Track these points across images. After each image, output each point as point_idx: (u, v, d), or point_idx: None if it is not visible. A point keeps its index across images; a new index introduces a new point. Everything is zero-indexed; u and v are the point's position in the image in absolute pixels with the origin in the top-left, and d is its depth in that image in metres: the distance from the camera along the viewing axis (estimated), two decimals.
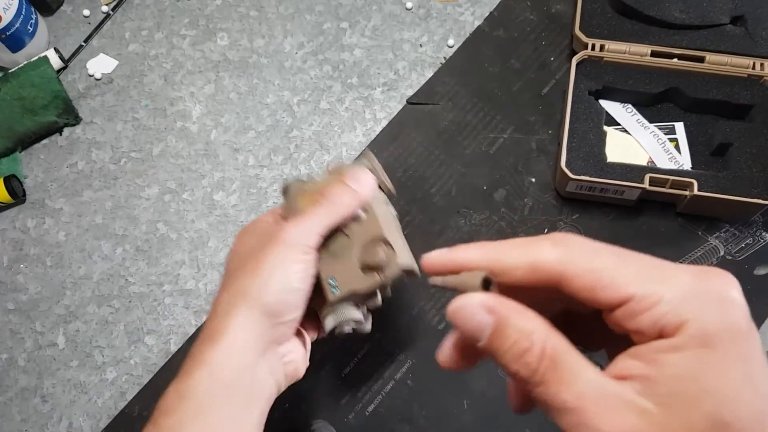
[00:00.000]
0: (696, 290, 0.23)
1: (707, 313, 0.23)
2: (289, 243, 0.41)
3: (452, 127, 0.64)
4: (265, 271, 0.40)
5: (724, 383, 0.22)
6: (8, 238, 0.62)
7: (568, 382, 0.23)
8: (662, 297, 0.23)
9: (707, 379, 0.22)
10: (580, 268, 0.24)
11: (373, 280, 0.42)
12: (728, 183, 0.56)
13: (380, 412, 0.54)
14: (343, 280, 0.43)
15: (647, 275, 0.24)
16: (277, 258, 0.41)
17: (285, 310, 0.41)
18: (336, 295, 0.43)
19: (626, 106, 0.63)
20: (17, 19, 0.64)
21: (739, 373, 0.22)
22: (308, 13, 0.70)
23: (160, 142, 0.65)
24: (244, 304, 0.40)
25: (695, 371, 0.22)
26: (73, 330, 0.59)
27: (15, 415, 0.56)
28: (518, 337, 0.24)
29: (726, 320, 0.23)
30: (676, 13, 0.62)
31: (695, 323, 0.23)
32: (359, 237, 0.43)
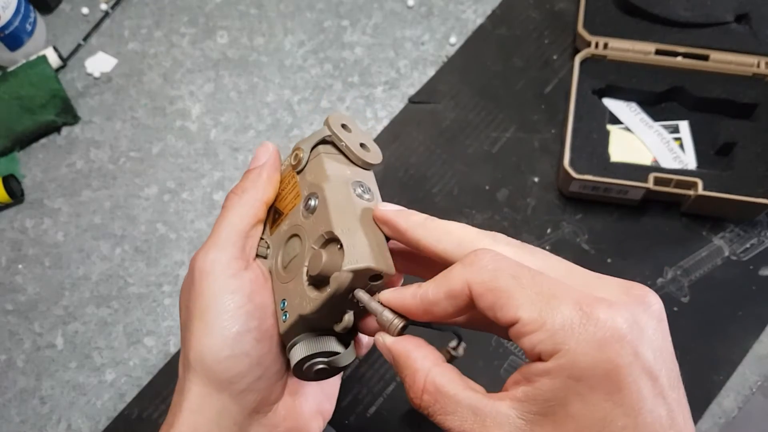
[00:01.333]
0: (577, 322, 0.24)
1: (582, 346, 0.24)
2: (207, 269, 0.32)
3: (454, 126, 0.64)
4: (196, 322, 0.32)
5: (590, 412, 0.24)
6: (6, 239, 0.62)
7: (451, 412, 0.26)
8: (544, 323, 0.24)
9: (574, 406, 0.24)
10: (483, 288, 0.26)
11: (319, 297, 0.31)
12: (733, 182, 0.56)
13: (381, 413, 0.54)
14: (293, 301, 0.33)
15: (538, 300, 0.25)
16: (203, 300, 0.32)
17: (239, 374, 0.32)
18: (285, 324, 0.33)
19: (630, 104, 0.62)
20: (16, 17, 0.64)
21: (608, 405, 0.23)
22: (309, 11, 0.70)
23: (159, 142, 0.65)
24: (193, 377, 0.32)
25: (563, 398, 0.24)
26: (72, 331, 0.58)
27: (14, 416, 0.56)
28: (406, 375, 0.28)
29: (600, 355, 0.24)
30: (680, 11, 0.62)
31: (567, 354, 0.24)
32: (309, 236, 0.33)
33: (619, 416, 0.24)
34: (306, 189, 0.35)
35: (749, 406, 0.53)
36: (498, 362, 0.55)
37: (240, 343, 0.32)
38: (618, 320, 0.24)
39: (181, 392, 0.32)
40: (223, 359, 0.31)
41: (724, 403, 0.52)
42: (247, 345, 0.32)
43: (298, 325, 0.33)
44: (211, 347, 0.31)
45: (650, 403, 0.24)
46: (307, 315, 0.32)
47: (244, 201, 0.35)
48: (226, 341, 0.31)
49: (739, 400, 0.53)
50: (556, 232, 0.59)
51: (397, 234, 0.31)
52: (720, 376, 0.53)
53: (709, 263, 0.57)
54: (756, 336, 0.55)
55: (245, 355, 0.32)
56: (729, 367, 0.54)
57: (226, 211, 0.35)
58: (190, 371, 0.32)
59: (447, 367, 0.28)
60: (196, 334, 0.32)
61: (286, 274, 0.34)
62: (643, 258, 0.58)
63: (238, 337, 0.32)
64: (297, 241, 0.34)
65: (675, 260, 0.57)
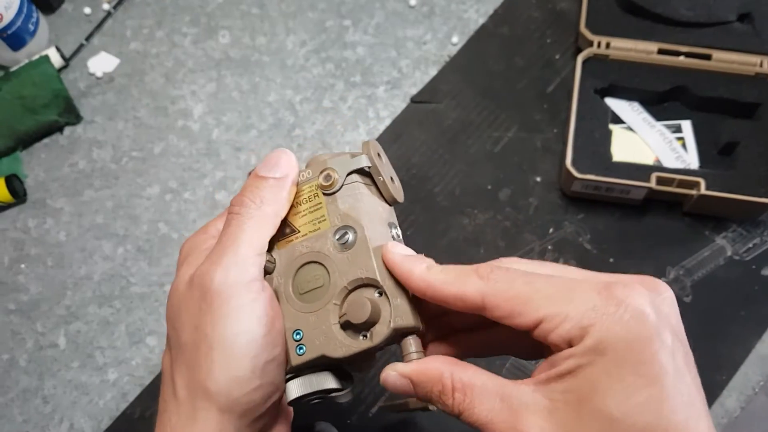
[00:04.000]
0: (597, 304, 0.26)
1: (604, 324, 0.25)
2: (225, 291, 0.30)
3: (456, 125, 0.64)
4: (218, 352, 0.30)
5: (616, 384, 0.25)
6: (9, 238, 0.62)
7: (479, 404, 0.27)
8: (567, 314, 0.26)
9: (599, 380, 0.25)
10: (499, 299, 0.28)
11: (355, 345, 0.31)
12: (736, 182, 0.56)
13: (383, 413, 0.54)
14: (313, 336, 0.32)
15: (557, 297, 0.27)
16: (227, 327, 0.30)
17: (262, 400, 0.31)
18: (300, 358, 0.31)
19: (632, 104, 0.62)
20: (18, 17, 0.64)
21: (632, 376, 0.25)
22: (310, 11, 0.70)
23: (161, 141, 0.65)
24: (211, 406, 0.30)
25: (589, 374, 0.25)
26: (74, 330, 0.58)
27: (16, 416, 0.56)
28: (432, 386, 0.29)
29: (624, 330, 0.25)
30: (682, 10, 0.61)
31: (593, 334, 0.25)
32: (341, 272, 0.32)
33: (643, 387, 0.25)
34: (338, 218, 0.34)
35: (752, 406, 0.53)
36: (500, 362, 0.55)
37: (267, 373, 0.31)
38: (638, 299, 0.26)
39: (192, 420, 0.30)
40: (251, 390, 0.30)
41: (726, 403, 0.52)
42: (272, 373, 0.31)
43: (315, 362, 0.32)
44: (240, 380, 0.30)
45: (672, 377, 0.25)
46: (337, 359, 0.31)
47: (263, 214, 0.33)
48: (255, 373, 0.30)
49: (741, 400, 0.53)
50: (558, 232, 0.59)
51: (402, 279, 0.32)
52: (722, 376, 0.53)
53: (712, 263, 0.57)
54: (759, 336, 0.55)
55: (270, 383, 0.31)
56: (732, 367, 0.54)
57: (241, 222, 0.32)
58: (207, 401, 0.30)
59: (464, 363, 0.29)
60: (218, 364, 0.30)
61: (303, 303, 0.32)
62: (646, 258, 0.58)
63: (266, 366, 0.31)
64: (320, 270, 0.33)
65: (677, 260, 0.57)
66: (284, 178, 0.33)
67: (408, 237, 0.59)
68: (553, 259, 0.58)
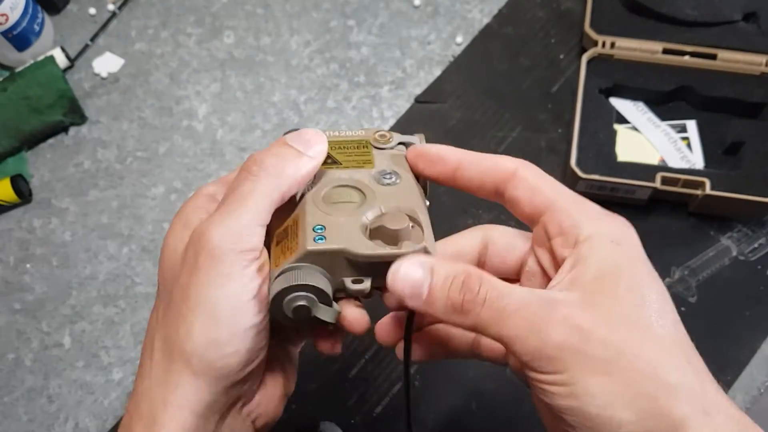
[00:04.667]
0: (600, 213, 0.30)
1: (612, 224, 0.29)
2: (218, 255, 0.29)
3: (460, 125, 0.64)
4: (199, 312, 0.29)
5: (638, 269, 0.28)
6: (14, 238, 0.62)
7: (510, 294, 0.26)
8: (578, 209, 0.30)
9: (623, 264, 0.28)
10: (531, 177, 0.31)
11: (380, 248, 0.30)
12: (741, 182, 0.56)
13: (388, 413, 0.54)
14: (336, 232, 0.30)
15: (571, 201, 0.30)
16: (212, 289, 0.29)
17: (239, 366, 0.30)
18: (319, 245, 0.30)
19: (637, 104, 0.62)
20: (24, 18, 0.64)
21: (646, 266, 0.28)
22: (315, 11, 0.70)
23: (166, 141, 0.65)
24: (185, 369, 0.29)
25: (611, 259, 0.28)
26: (79, 330, 0.58)
27: (21, 415, 0.56)
28: (456, 271, 0.27)
29: (627, 231, 0.30)
30: (687, 10, 0.61)
31: (604, 228, 0.29)
32: (380, 199, 0.32)
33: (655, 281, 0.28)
34: (385, 164, 0.34)
35: (757, 406, 0.53)
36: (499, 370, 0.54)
37: (246, 339, 0.30)
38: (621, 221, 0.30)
39: (164, 383, 0.29)
40: (227, 355, 0.29)
41: None
42: (251, 340, 0.30)
43: (329, 255, 0.30)
44: (217, 343, 0.29)
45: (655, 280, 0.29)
46: (355, 255, 0.30)
47: (278, 184, 0.31)
48: (233, 338, 0.29)
49: (747, 401, 0.52)
50: None
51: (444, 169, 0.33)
52: (728, 376, 0.53)
53: (717, 263, 0.57)
54: (764, 336, 0.54)
55: (249, 350, 0.30)
56: (737, 367, 0.53)
57: (254, 186, 0.30)
58: (182, 363, 0.29)
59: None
60: (196, 326, 0.29)
61: (331, 207, 0.32)
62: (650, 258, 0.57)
63: (246, 332, 0.30)
64: (356, 194, 0.32)
65: (682, 260, 0.57)
66: (312, 157, 0.31)
67: None
68: None
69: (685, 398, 0.25)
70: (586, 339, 0.25)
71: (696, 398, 0.25)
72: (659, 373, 0.25)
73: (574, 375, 0.25)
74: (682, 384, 0.25)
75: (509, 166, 0.32)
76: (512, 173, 0.31)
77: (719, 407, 0.26)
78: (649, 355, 0.25)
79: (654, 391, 0.25)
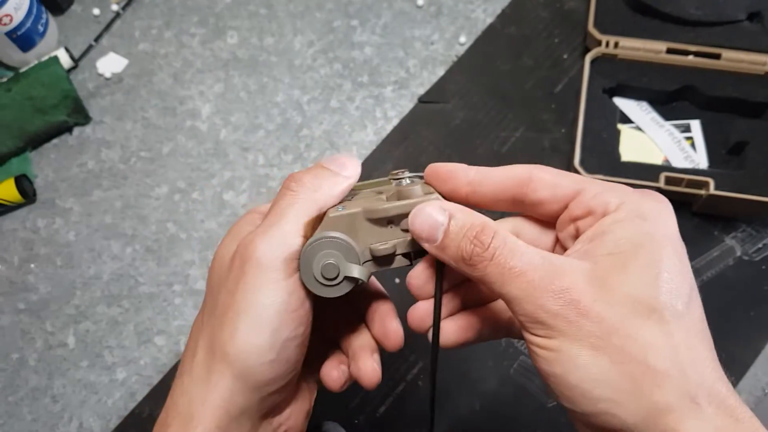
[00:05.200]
0: (631, 191, 0.29)
1: (641, 200, 0.28)
2: (264, 263, 0.30)
3: (464, 125, 0.63)
4: (244, 316, 0.30)
5: (660, 245, 0.27)
6: (19, 238, 0.62)
7: (519, 254, 0.27)
8: (605, 189, 0.29)
9: (644, 240, 0.27)
10: (544, 173, 0.31)
11: (397, 204, 0.32)
12: (745, 182, 0.56)
13: (391, 413, 0.54)
14: (355, 204, 0.33)
15: (598, 184, 0.30)
16: (258, 297, 0.30)
17: (276, 376, 0.31)
18: (339, 212, 0.32)
19: (641, 103, 0.62)
20: (28, 18, 0.64)
21: (671, 243, 0.27)
22: (318, 11, 0.70)
23: (169, 142, 0.65)
24: (226, 370, 0.30)
25: (632, 234, 0.27)
26: (83, 330, 0.58)
27: (26, 414, 0.56)
28: (472, 222, 0.28)
29: (657, 206, 0.28)
30: (691, 9, 0.61)
31: (631, 203, 0.28)
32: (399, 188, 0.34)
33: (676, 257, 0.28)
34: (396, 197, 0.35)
35: (762, 407, 0.52)
36: (508, 362, 0.55)
37: (286, 349, 0.31)
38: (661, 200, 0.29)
39: (205, 382, 0.30)
40: (267, 362, 0.30)
41: None
42: (291, 351, 0.31)
43: (350, 219, 0.32)
44: (259, 349, 0.30)
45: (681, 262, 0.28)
46: (373, 210, 0.31)
47: (315, 199, 0.32)
48: (274, 345, 0.30)
49: (751, 401, 0.52)
50: None
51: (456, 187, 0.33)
52: (732, 377, 0.53)
53: (721, 263, 0.57)
54: None
55: (287, 360, 0.31)
56: (741, 368, 0.53)
57: (294, 200, 0.32)
58: (224, 364, 0.30)
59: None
60: (241, 329, 0.30)
61: (351, 201, 0.34)
62: None
63: (287, 342, 0.30)
64: (374, 195, 0.35)
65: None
66: (347, 177, 0.34)
67: None
68: None
69: (672, 386, 0.25)
70: (581, 314, 0.25)
71: (685, 387, 0.25)
72: (648, 357, 0.25)
73: (563, 343, 0.26)
74: (671, 371, 0.25)
75: (523, 172, 0.31)
76: (528, 177, 0.31)
77: (714, 397, 0.25)
78: (645, 338, 0.25)
79: (639, 375, 0.25)
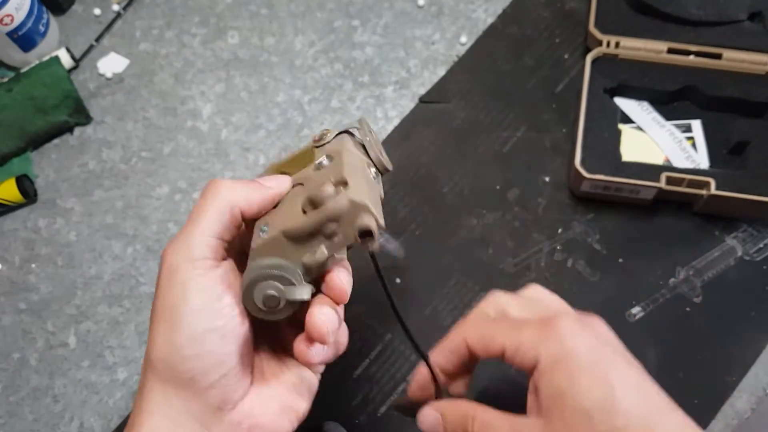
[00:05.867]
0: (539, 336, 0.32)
1: (552, 346, 0.32)
2: (174, 267, 0.32)
3: (465, 125, 0.63)
4: (160, 320, 0.31)
5: (579, 383, 0.30)
6: (20, 238, 0.62)
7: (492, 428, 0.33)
8: (521, 343, 0.33)
9: (563, 386, 0.30)
10: (475, 339, 0.36)
11: (311, 216, 0.32)
12: (746, 182, 0.55)
13: (392, 413, 0.54)
14: (276, 223, 0.33)
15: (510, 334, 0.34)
16: (170, 299, 0.32)
17: (203, 370, 0.32)
18: (262, 238, 0.33)
19: (642, 103, 0.62)
20: (29, 18, 0.64)
21: (588, 377, 0.30)
22: (319, 11, 0.70)
23: (170, 142, 0.65)
24: (153, 376, 0.32)
25: (556, 385, 0.31)
26: (84, 330, 0.59)
27: (27, 414, 0.56)
28: (458, 420, 0.34)
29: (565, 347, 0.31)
30: (692, 9, 0.61)
31: (546, 354, 0.32)
32: (315, 183, 0.34)
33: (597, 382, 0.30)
34: (322, 154, 0.36)
35: (762, 407, 0.52)
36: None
37: (205, 342, 0.31)
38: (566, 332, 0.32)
39: (140, 393, 0.32)
40: (188, 357, 0.31)
41: (736, 404, 0.52)
42: (212, 343, 0.32)
43: (275, 243, 0.32)
44: (176, 345, 0.31)
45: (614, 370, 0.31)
46: (290, 230, 0.32)
47: (226, 204, 0.34)
48: (191, 340, 0.31)
49: (752, 402, 0.52)
50: (567, 232, 0.59)
51: None
52: (733, 377, 0.53)
53: (722, 263, 0.57)
54: None
55: (209, 353, 0.32)
56: (742, 368, 0.53)
57: (204, 208, 0.34)
58: (151, 370, 0.32)
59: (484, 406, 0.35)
60: (161, 333, 0.31)
61: (274, 209, 0.35)
62: (655, 258, 0.57)
63: (204, 335, 0.31)
64: (298, 190, 0.35)
65: (687, 260, 0.57)
66: (268, 187, 0.35)
67: (416, 237, 0.59)
68: (562, 259, 0.57)
69: None
70: None
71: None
72: None
73: None
74: None
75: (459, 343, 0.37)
76: (463, 345, 0.36)
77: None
78: None
79: None
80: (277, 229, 0.32)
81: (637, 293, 0.56)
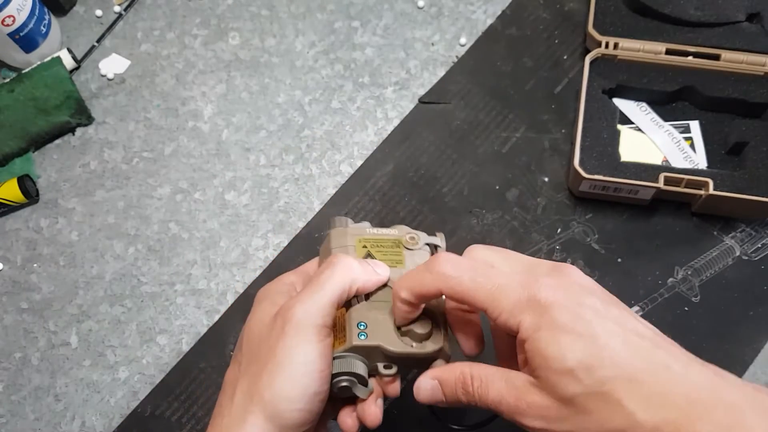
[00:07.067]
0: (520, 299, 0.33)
1: (530, 312, 0.33)
2: (303, 326, 0.37)
3: (464, 126, 0.64)
4: (282, 369, 0.36)
5: (558, 346, 0.31)
6: (22, 238, 0.62)
7: (492, 388, 0.34)
8: (504, 310, 0.33)
9: (547, 347, 0.31)
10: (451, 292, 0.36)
11: (407, 347, 0.38)
12: (744, 182, 0.56)
13: (392, 412, 0.54)
14: (375, 329, 0.38)
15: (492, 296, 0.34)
16: (293, 355, 0.36)
17: (301, 423, 0.37)
18: (362, 341, 0.38)
19: (640, 104, 0.62)
20: (30, 19, 0.65)
21: (569, 337, 0.31)
22: (319, 12, 0.70)
23: (171, 142, 0.65)
24: (260, 413, 0.36)
25: (539, 346, 0.32)
26: (86, 329, 0.59)
27: (29, 413, 0.56)
28: (455, 380, 0.36)
29: (543, 310, 0.32)
30: (691, 10, 0.61)
31: (525, 321, 0.33)
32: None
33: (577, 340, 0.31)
34: (413, 264, 0.42)
35: None
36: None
37: (312, 402, 0.36)
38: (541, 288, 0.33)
39: (241, 421, 0.36)
40: (296, 410, 0.36)
41: None
42: (316, 404, 0.37)
43: (368, 349, 0.38)
44: (291, 398, 0.36)
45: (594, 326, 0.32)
46: (388, 351, 0.38)
47: (352, 278, 0.39)
48: (303, 398, 0.36)
49: None
50: (566, 232, 0.59)
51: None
52: None
53: (720, 263, 0.57)
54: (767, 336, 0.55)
55: (311, 411, 0.37)
56: (740, 367, 0.54)
57: (332, 274, 0.38)
58: (258, 406, 0.36)
59: (477, 362, 0.36)
60: (278, 380, 0.36)
61: (369, 304, 0.39)
62: (654, 258, 0.58)
63: (313, 396, 0.36)
64: (389, 291, 0.39)
65: (686, 260, 0.57)
66: (379, 274, 0.40)
67: None
68: (561, 259, 0.58)
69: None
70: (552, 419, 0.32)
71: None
72: None
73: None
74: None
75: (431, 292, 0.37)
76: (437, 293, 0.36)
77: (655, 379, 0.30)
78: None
79: None
80: (377, 340, 0.38)
81: (636, 293, 0.56)
